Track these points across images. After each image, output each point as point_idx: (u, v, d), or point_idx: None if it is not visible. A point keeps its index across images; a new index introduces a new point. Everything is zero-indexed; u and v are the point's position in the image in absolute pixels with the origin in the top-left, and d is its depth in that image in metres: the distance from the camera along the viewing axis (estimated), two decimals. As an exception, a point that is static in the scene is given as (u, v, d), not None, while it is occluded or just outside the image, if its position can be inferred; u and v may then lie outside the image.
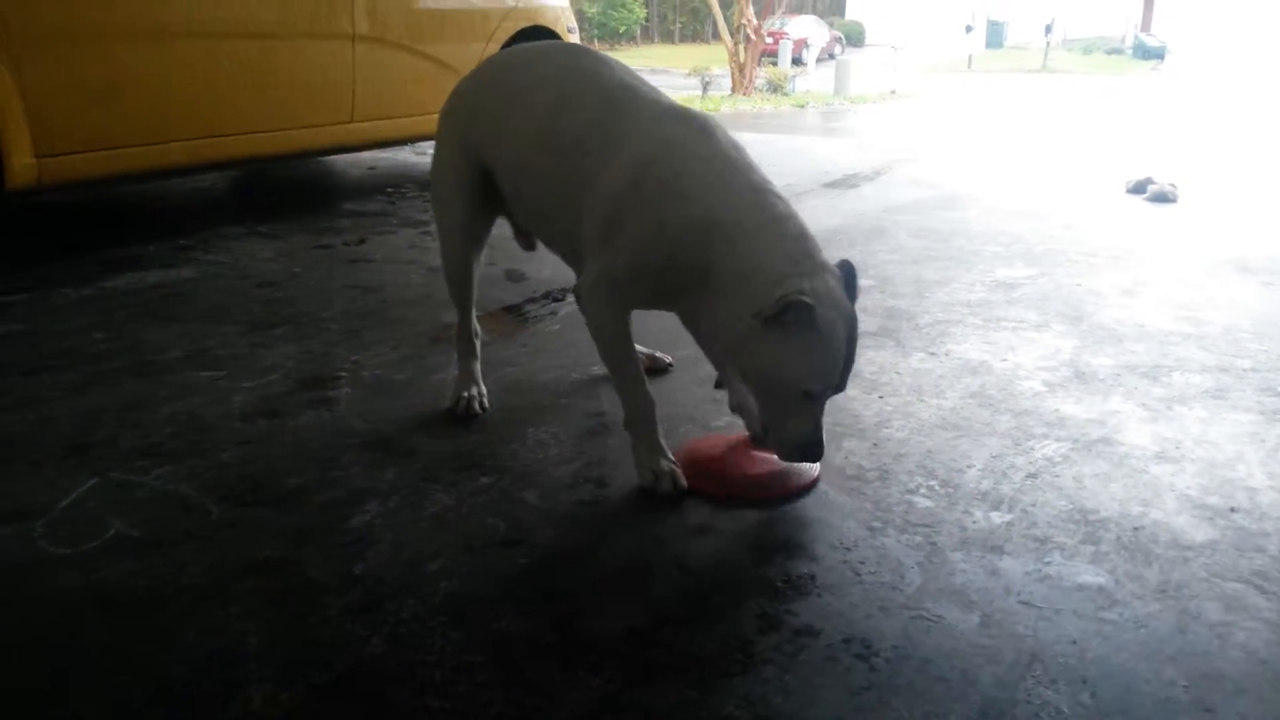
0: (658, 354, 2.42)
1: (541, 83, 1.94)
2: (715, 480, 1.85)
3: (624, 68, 1.97)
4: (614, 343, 1.86)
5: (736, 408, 2.02)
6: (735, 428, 2.04)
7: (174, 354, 2.47)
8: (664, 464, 1.84)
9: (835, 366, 1.64)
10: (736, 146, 1.79)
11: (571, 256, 2.06)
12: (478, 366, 2.22)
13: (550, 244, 2.09)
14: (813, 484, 1.86)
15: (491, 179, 2.04)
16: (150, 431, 2.03)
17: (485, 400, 2.18)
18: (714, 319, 1.72)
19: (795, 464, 1.83)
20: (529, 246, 2.26)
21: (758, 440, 1.89)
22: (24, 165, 3.09)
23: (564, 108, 1.88)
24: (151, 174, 3.83)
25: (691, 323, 1.90)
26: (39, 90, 3.07)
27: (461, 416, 2.13)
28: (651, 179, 1.72)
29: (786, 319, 1.57)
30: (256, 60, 3.78)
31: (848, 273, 1.69)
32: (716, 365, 2.03)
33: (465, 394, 2.17)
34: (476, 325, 2.22)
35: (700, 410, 2.19)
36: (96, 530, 1.64)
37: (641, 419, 1.86)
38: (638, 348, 2.19)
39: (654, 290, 1.80)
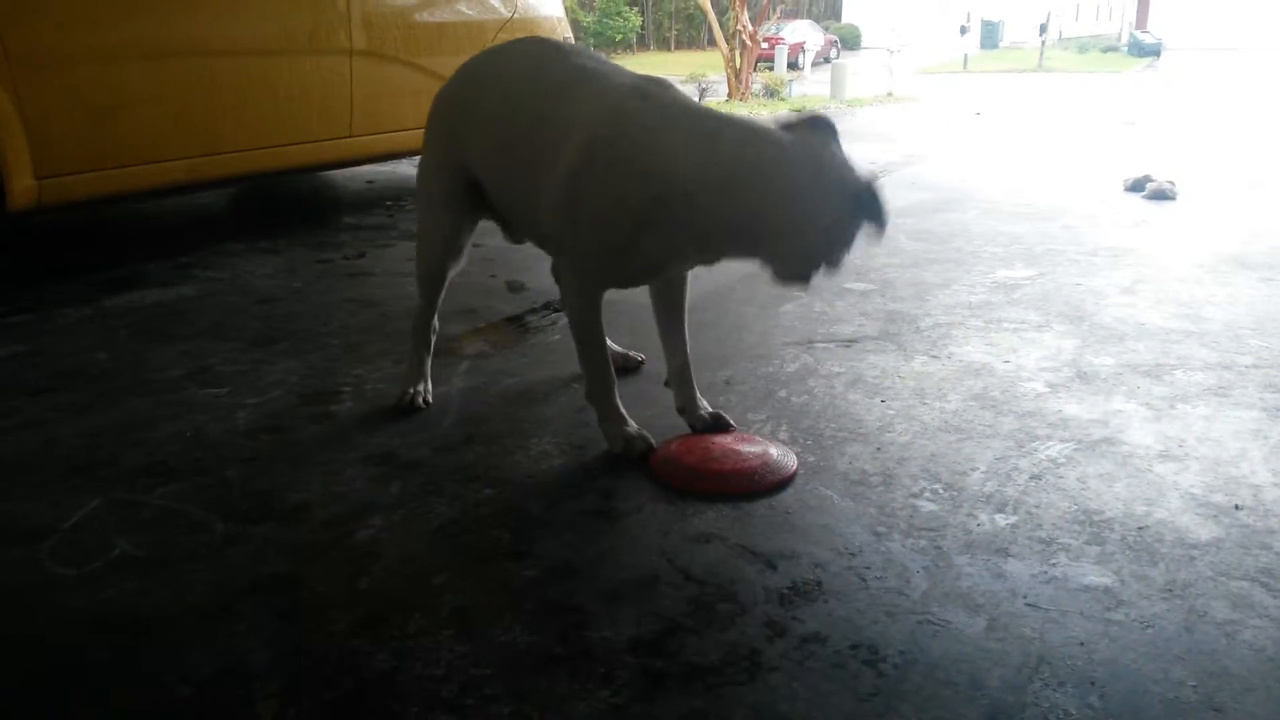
0: (631, 352, 2.49)
1: (499, 78, 2.01)
2: (693, 476, 1.89)
3: (586, 53, 2.02)
4: (584, 320, 1.94)
5: (682, 410, 2.10)
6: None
7: (176, 372, 2.48)
8: (631, 429, 1.99)
9: (830, 200, 1.67)
10: (683, 106, 1.78)
11: (544, 243, 2.12)
12: (429, 361, 2.31)
13: (528, 234, 2.14)
14: (789, 479, 1.89)
15: (476, 181, 2.09)
16: (154, 450, 2.03)
17: (429, 396, 2.27)
18: (721, 225, 1.72)
19: (771, 461, 1.92)
20: (516, 240, 2.29)
21: None
22: (25, 187, 3.10)
23: (517, 98, 1.95)
24: (151, 192, 3.85)
25: (693, 261, 1.90)
26: (39, 112, 3.09)
27: (405, 410, 2.21)
28: (601, 157, 1.75)
29: (812, 129, 1.68)
30: (255, 77, 3.80)
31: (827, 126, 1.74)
32: (670, 355, 2.09)
33: (411, 389, 2.25)
34: (435, 322, 2.29)
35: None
36: (101, 550, 1.65)
37: (602, 392, 2.00)
38: (613, 345, 2.39)
39: (628, 267, 1.83)
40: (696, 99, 2.00)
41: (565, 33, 5.32)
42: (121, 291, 3.20)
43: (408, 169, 5.81)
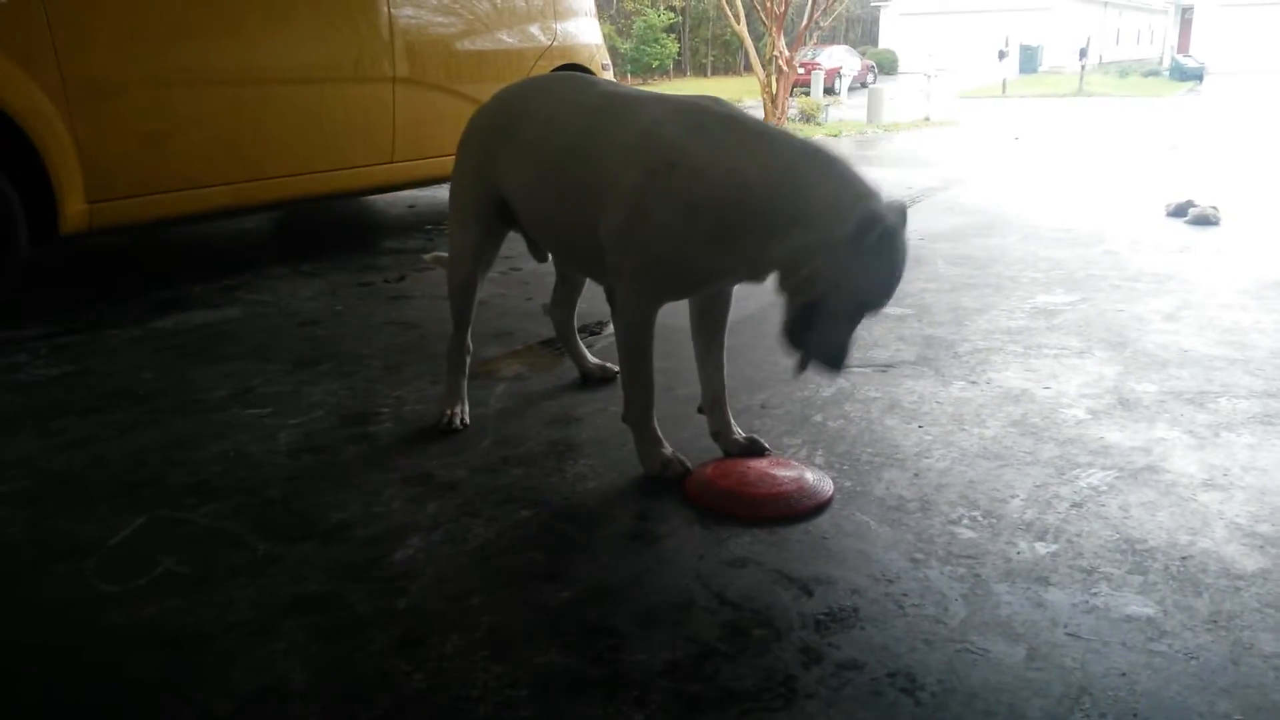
0: (608, 364, 2.57)
1: (537, 108, 2.07)
2: (728, 500, 1.89)
3: (612, 83, 2.10)
4: (637, 338, 1.94)
5: (716, 435, 2.11)
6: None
7: (220, 392, 2.52)
8: (667, 452, 2.01)
9: (895, 285, 1.70)
10: (727, 116, 1.82)
11: (576, 264, 2.25)
12: (465, 383, 2.34)
13: (557, 254, 2.26)
14: (825, 504, 1.89)
15: (505, 201, 2.15)
16: (198, 469, 2.07)
17: (467, 417, 2.30)
18: (778, 260, 1.72)
19: (808, 486, 1.92)
20: (541, 259, 2.39)
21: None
22: (77, 211, 3.18)
23: (551, 129, 2.00)
24: (199, 216, 3.93)
25: (741, 279, 1.91)
26: (92, 137, 3.17)
27: (443, 431, 2.24)
28: (662, 166, 1.78)
29: (870, 236, 1.61)
30: (300, 104, 3.88)
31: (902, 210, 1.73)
32: (706, 380, 2.09)
33: (449, 411, 2.29)
34: (469, 343, 2.32)
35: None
36: (146, 567, 1.68)
37: (642, 413, 2.01)
38: (592, 358, 2.60)
39: (689, 276, 1.86)
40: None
41: (603, 59, 5.38)
42: (169, 313, 3.27)
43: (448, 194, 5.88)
